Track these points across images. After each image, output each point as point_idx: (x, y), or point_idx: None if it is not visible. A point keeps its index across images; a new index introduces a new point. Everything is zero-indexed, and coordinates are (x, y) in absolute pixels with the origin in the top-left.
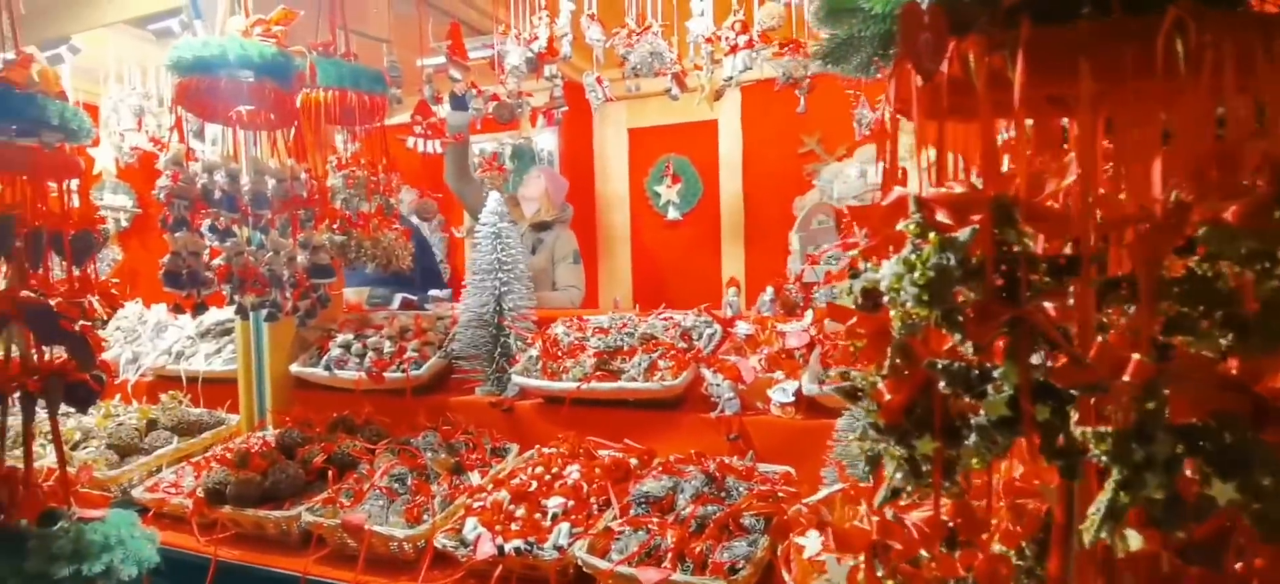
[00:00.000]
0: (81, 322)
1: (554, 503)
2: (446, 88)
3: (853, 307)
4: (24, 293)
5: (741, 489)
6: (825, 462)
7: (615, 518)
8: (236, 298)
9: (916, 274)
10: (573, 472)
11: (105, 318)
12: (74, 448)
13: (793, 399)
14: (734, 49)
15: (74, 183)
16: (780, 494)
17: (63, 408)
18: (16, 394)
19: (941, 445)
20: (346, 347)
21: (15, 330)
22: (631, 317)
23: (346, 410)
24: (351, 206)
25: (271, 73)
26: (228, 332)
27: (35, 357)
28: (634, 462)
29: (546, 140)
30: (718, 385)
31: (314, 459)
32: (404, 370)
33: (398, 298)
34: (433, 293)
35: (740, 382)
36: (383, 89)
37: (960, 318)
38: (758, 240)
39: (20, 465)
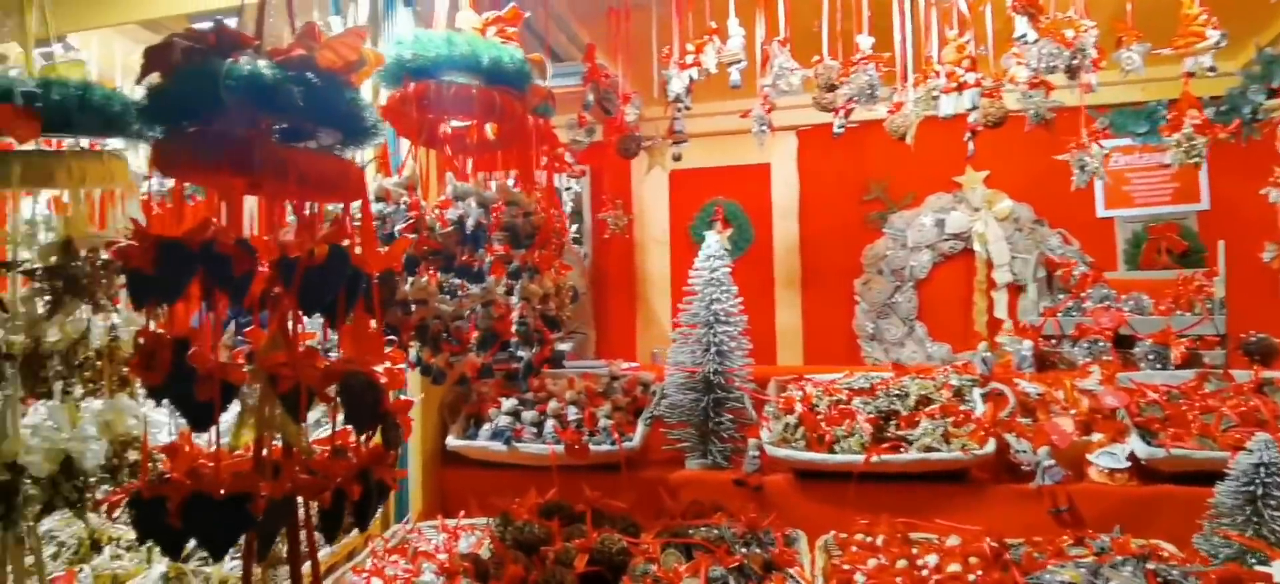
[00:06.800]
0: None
1: None
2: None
3: None
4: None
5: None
6: (1175, 531)
7: None
8: (425, 358)
9: None
10: (933, 562)
11: None
12: None
13: (1126, 465)
14: (961, 86)
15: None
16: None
17: None
18: None
19: None
20: (515, 414)
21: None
22: (880, 376)
23: (514, 494)
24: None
25: (514, 83)
26: None
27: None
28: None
29: (578, 184)
30: (1025, 451)
31: (573, 559)
32: (615, 442)
33: None
34: (561, 348)
35: (1055, 447)
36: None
37: None
38: (815, 289)
39: None
